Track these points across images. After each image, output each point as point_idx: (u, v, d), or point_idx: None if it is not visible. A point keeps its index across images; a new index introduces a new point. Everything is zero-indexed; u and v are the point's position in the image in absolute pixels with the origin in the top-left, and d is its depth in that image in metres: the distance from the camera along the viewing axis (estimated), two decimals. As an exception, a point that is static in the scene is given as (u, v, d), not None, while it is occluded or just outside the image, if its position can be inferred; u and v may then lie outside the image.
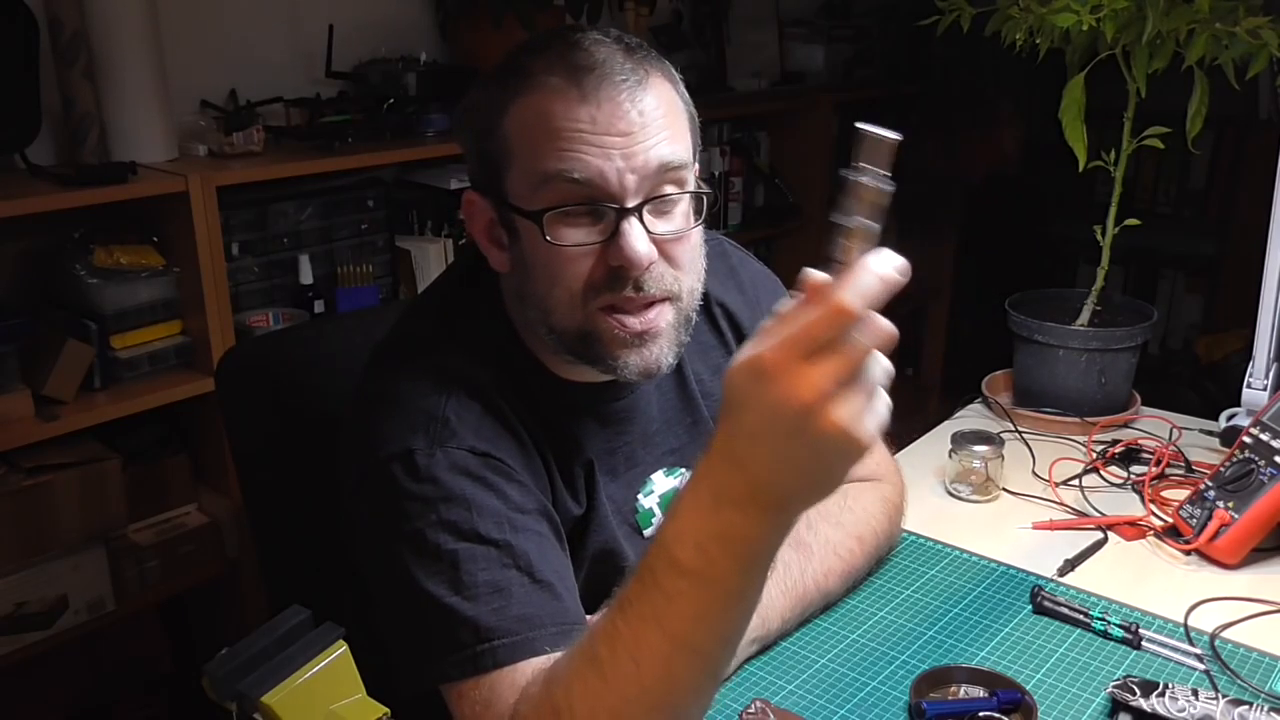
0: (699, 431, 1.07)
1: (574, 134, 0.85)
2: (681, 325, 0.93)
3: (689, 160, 0.91)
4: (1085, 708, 0.98)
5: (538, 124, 0.86)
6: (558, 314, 0.90)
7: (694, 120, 0.94)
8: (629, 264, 0.86)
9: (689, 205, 0.92)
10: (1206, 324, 3.38)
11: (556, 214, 0.87)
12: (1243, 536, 1.20)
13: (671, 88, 0.91)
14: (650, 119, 0.87)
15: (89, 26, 1.67)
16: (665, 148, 0.87)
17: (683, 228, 0.91)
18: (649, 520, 1.04)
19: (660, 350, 0.91)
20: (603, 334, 0.90)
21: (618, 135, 0.85)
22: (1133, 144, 1.48)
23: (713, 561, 0.66)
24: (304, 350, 1.21)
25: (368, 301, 1.99)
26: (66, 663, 1.80)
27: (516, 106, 0.88)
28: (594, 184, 0.86)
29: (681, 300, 0.92)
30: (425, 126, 2.05)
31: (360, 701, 0.67)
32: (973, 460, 1.37)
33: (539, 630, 0.83)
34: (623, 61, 0.87)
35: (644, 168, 0.86)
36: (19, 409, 1.59)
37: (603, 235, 0.87)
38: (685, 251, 0.91)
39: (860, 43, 3.16)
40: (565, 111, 0.85)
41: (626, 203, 0.86)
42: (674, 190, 0.89)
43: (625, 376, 0.92)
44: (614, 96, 0.85)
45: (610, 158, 0.85)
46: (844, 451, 0.61)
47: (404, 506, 0.87)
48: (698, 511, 0.66)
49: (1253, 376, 1.45)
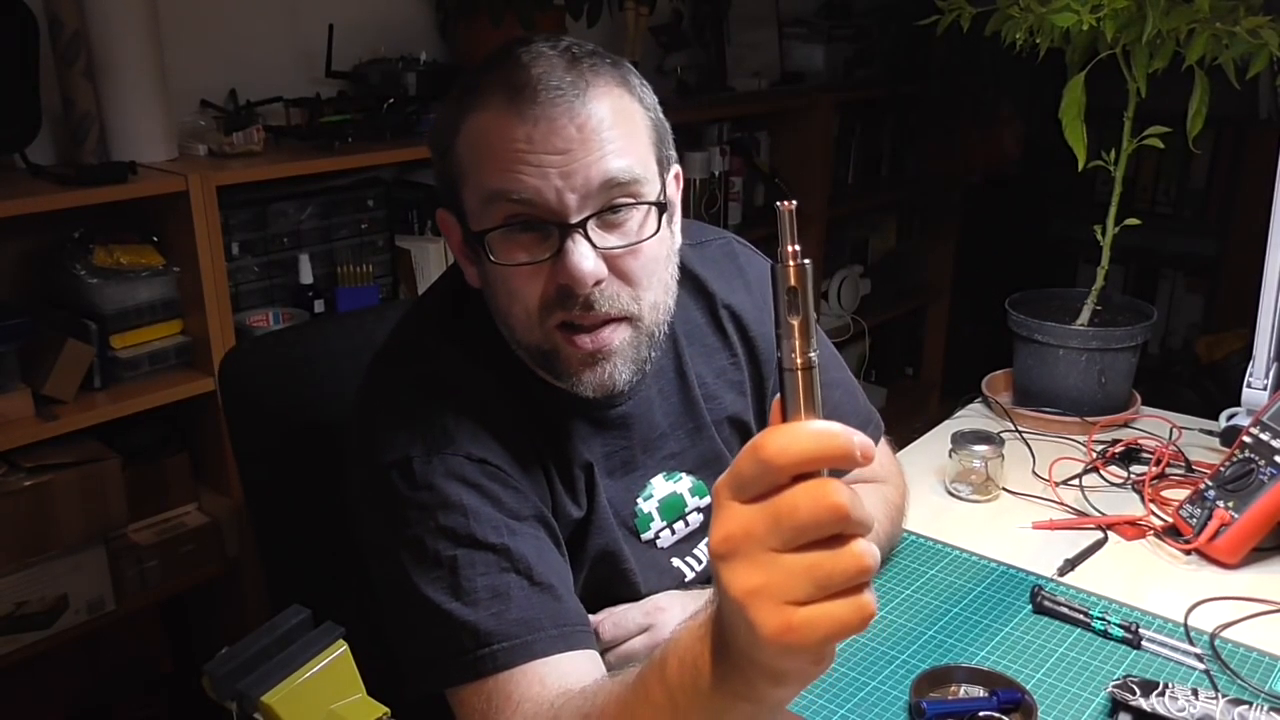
0: (700, 436, 1.07)
1: (512, 153, 0.84)
2: (643, 342, 0.91)
3: (642, 172, 0.87)
4: (1085, 707, 0.98)
5: (481, 144, 0.86)
6: (519, 330, 0.90)
7: (658, 127, 0.92)
8: (573, 282, 0.85)
9: (645, 216, 0.89)
10: (1206, 324, 3.38)
11: (500, 234, 0.87)
12: (1243, 536, 1.20)
13: (626, 95, 0.88)
14: (591, 133, 0.84)
15: (89, 26, 1.67)
16: (612, 161, 0.85)
17: (635, 240, 0.88)
18: (647, 524, 1.04)
19: (614, 368, 0.90)
20: (560, 351, 0.89)
21: (554, 153, 0.83)
22: (1133, 144, 1.48)
23: (684, 688, 0.62)
24: (304, 350, 1.21)
25: (368, 301, 1.99)
26: (66, 663, 1.80)
27: (465, 126, 0.87)
28: (534, 203, 0.84)
29: (641, 319, 0.90)
30: (425, 126, 2.04)
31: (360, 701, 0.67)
32: (973, 460, 1.37)
33: (539, 633, 0.83)
34: (563, 74, 0.85)
35: (585, 185, 0.84)
36: (19, 409, 1.59)
37: (549, 253, 0.86)
38: (641, 266, 0.89)
39: (860, 43, 3.16)
40: (503, 131, 0.84)
41: (569, 219, 0.85)
42: (627, 202, 0.87)
43: (582, 393, 0.91)
44: (549, 114, 0.83)
45: (547, 176, 0.84)
46: (750, 631, 0.52)
47: (403, 513, 0.87)
48: (698, 626, 0.61)
49: (1253, 376, 1.45)
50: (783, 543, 0.51)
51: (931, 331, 3.66)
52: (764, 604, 0.51)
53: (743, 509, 0.52)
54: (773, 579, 0.51)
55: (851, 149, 3.18)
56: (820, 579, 0.50)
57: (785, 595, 0.51)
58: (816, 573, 0.50)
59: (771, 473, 0.51)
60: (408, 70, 2.04)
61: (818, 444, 0.50)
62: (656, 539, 1.05)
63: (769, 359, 1.11)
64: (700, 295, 1.08)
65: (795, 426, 0.51)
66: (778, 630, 0.51)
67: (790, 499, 0.51)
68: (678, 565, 1.06)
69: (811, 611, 0.51)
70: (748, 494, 0.52)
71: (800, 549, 0.51)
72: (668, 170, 0.94)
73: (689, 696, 0.61)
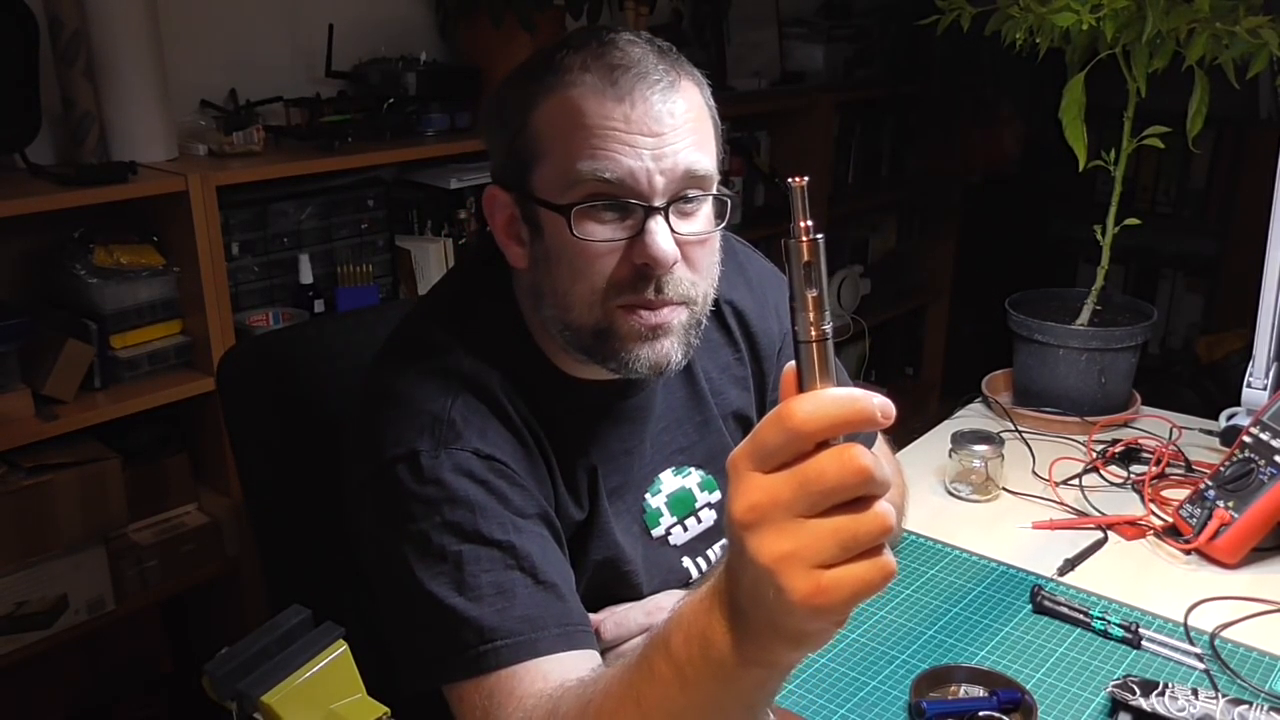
0: (708, 430, 1.07)
1: (607, 131, 0.85)
2: (693, 328, 0.93)
3: (713, 170, 0.91)
4: (1085, 707, 0.98)
5: (570, 120, 0.86)
6: (577, 310, 0.90)
7: (719, 128, 0.95)
8: (654, 262, 0.86)
9: (711, 210, 0.92)
10: (1206, 324, 3.38)
11: (585, 209, 0.87)
12: (1242, 536, 1.20)
13: (700, 95, 0.92)
14: (681, 122, 0.87)
15: (89, 26, 1.67)
16: (693, 153, 0.88)
17: (705, 230, 0.91)
18: (656, 520, 1.04)
19: (671, 346, 0.91)
20: (619, 328, 0.90)
21: (649, 135, 0.85)
22: (1133, 144, 1.48)
23: (692, 661, 0.62)
24: (304, 350, 1.21)
25: (368, 301, 1.99)
26: (66, 663, 1.80)
27: (549, 102, 0.88)
28: (624, 182, 0.86)
29: (696, 305, 0.92)
30: (425, 126, 2.05)
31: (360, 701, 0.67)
32: (973, 460, 1.37)
33: (542, 631, 0.83)
34: (656, 63, 0.87)
35: (672, 170, 0.86)
36: (19, 409, 1.59)
37: (629, 233, 0.87)
38: (705, 256, 0.92)
39: (860, 42, 3.16)
40: (599, 109, 0.85)
41: (654, 202, 0.87)
42: (700, 194, 0.90)
43: (636, 370, 0.91)
44: (647, 96, 0.85)
45: (641, 157, 0.85)
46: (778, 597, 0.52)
47: (408, 508, 0.87)
48: (700, 601, 0.62)
49: (1253, 376, 1.45)
50: (809, 508, 0.52)
51: (931, 331, 3.66)
52: (794, 569, 0.52)
53: (767, 478, 0.53)
54: (801, 544, 0.52)
55: (851, 149, 3.18)
56: (847, 541, 0.52)
57: (814, 559, 0.52)
58: (843, 535, 0.52)
59: (798, 440, 0.52)
60: (408, 70, 2.04)
61: (842, 409, 0.51)
62: (668, 535, 1.05)
63: (769, 355, 1.12)
64: None
65: (819, 394, 0.52)
66: (809, 593, 0.52)
67: (817, 465, 0.52)
68: (687, 565, 1.06)
69: (839, 573, 0.52)
70: (772, 463, 0.53)
71: (824, 513, 0.52)
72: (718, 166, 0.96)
73: (698, 668, 0.62)
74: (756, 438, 0.54)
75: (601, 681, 0.72)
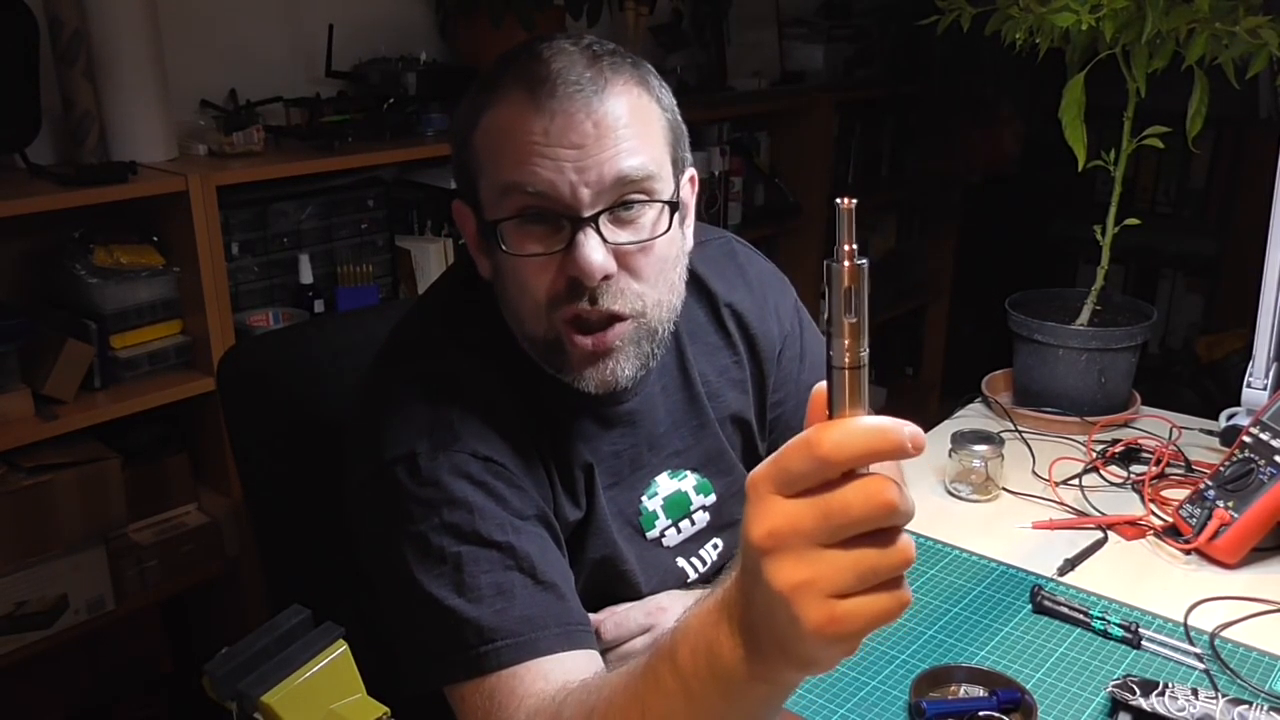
0: (705, 434, 1.07)
1: (528, 146, 0.85)
2: (645, 339, 0.92)
3: (656, 170, 0.89)
4: (1085, 707, 0.98)
5: (498, 137, 0.87)
6: (528, 322, 0.91)
7: (675, 127, 0.93)
8: (582, 274, 0.86)
9: (658, 215, 0.90)
10: (1206, 324, 3.38)
11: (513, 224, 0.87)
12: (1242, 536, 1.20)
13: (644, 94, 0.90)
14: (607, 129, 0.85)
15: (89, 26, 1.67)
16: (626, 159, 0.86)
17: (646, 237, 0.89)
18: (652, 523, 1.04)
19: (616, 365, 0.91)
20: (565, 347, 0.90)
21: (570, 147, 0.84)
22: (1133, 144, 1.48)
23: (699, 674, 0.62)
24: (304, 350, 1.21)
25: (368, 301, 1.99)
26: (66, 663, 1.80)
27: (484, 119, 0.89)
28: (547, 195, 0.85)
29: (645, 316, 0.91)
30: (425, 126, 2.05)
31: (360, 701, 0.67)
32: (973, 460, 1.37)
33: (542, 631, 0.84)
34: (582, 70, 0.86)
35: (599, 180, 0.85)
36: (19, 409, 1.59)
37: (561, 245, 0.87)
38: (650, 263, 0.90)
39: (860, 43, 3.16)
40: (521, 124, 0.85)
41: (582, 213, 0.86)
42: (639, 199, 0.88)
43: (586, 389, 0.92)
44: (566, 108, 0.84)
45: (562, 170, 0.85)
46: (792, 624, 0.52)
47: (407, 509, 0.87)
48: (707, 613, 0.61)
49: (1253, 376, 1.45)
50: (829, 537, 0.51)
51: (931, 331, 3.66)
52: (809, 598, 0.51)
53: (789, 504, 0.52)
54: (819, 573, 0.51)
55: (851, 149, 3.18)
56: (866, 574, 0.51)
57: (831, 589, 0.51)
58: (862, 568, 0.51)
59: (825, 468, 0.51)
60: (408, 70, 2.04)
61: (872, 440, 0.50)
62: (662, 537, 1.05)
63: (770, 357, 1.12)
64: (702, 294, 1.08)
65: (849, 423, 0.51)
66: (822, 623, 0.51)
67: (842, 497, 0.51)
68: (682, 565, 1.06)
69: (854, 604, 0.51)
70: (795, 488, 0.52)
71: (845, 542, 0.51)
72: (683, 172, 0.95)
73: (704, 683, 0.62)
74: (781, 462, 0.52)
75: (605, 689, 0.72)
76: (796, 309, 1.16)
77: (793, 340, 1.14)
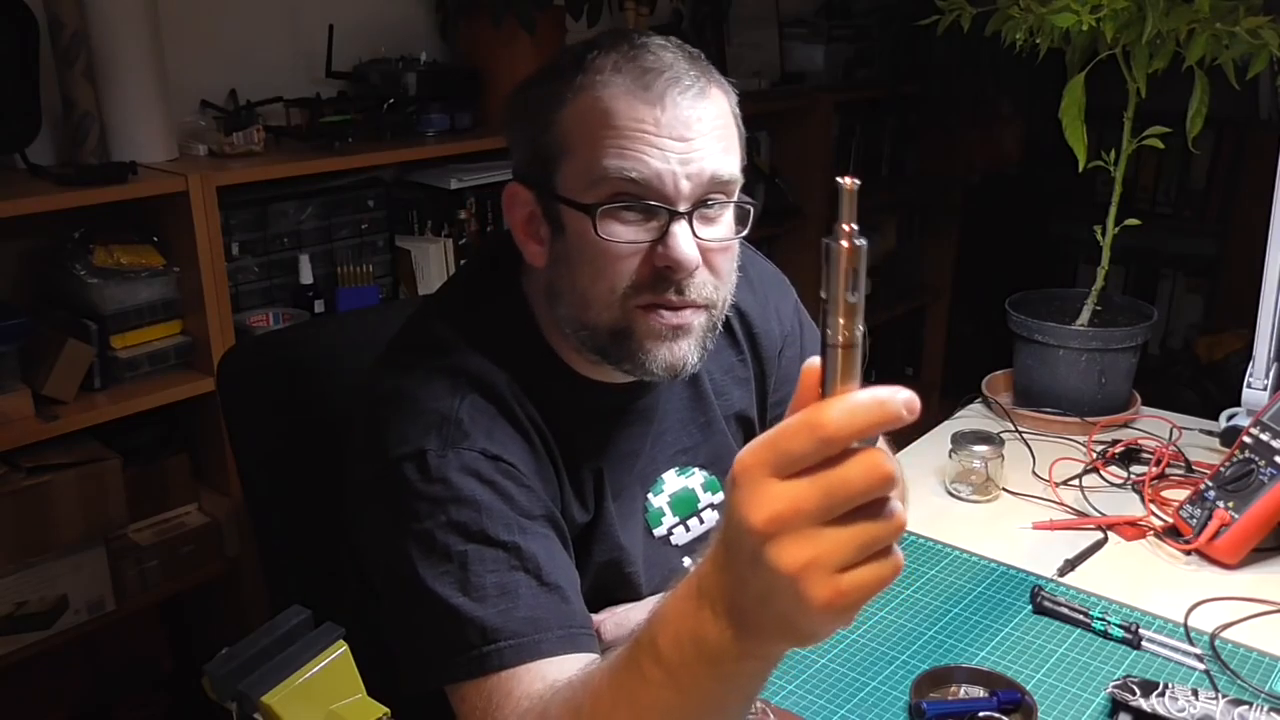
0: (712, 431, 1.07)
1: (636, 133, 0.86)
2: (710, 331, 0.94)
3: (738, 174, 0.91)
4: (1085, 708, 0.98)
5: (600, 119, 0.87)
6: (595, 309, 0.90)
7: (744, 136, 0.95)
8: (676, 266, 0.87)
9: (733, 216, 0.93)
10: (1206, 324, 3.38)
11: (611, 209, 0.87)
12: (1243, 536, 1.20)
13: (727, 102, 0.92)
14: (709, 128, 0.88)
15: (89, 26, 1.67)
16: (719, 159, 0.88)
17: (727, 236, 0.92)
18: (658, 520, 1.04)
19: (688, 348, 0.92)
20: (637, 328, 0.90)
21: (678, 139, 0.86)
22: (1133, 144, 1.48)
23: (685, 662, 0.61)
24: (304, 350, 1.21)
25: (368, 301, 1.99)
26: (66, 663, 1.80)
27: (578, 101, 0.88)
28: (650, 185, 0.86)
29: (715, 308, 0.93)
30: (425, 126, 2.05)
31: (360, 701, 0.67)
32: (973, 460, 1.37)
33: (545, 633, 0.83)
34: (688, 68, 0.88)
35: (699, 175, 0.87)
36: (19, 409, 1.58)
37: (653, 235, 0.88)
38: (726, 261, 0.92)
39: (860, 43, 3.16)
40: (629, 110, 0.86)
41: (679, 206, 0.87)
42: (724, 199, 0.90)
43: (651, 371, 0.92)
44: (678, 101, 0.86)
45: (669, 160, 0.86)
46: (798, 603, 0.52)
47: (414, 506, 0.87)
48: (685, 600, 0.61)
49: (1253, 376, 1.45)
50: (832, 515, 0.51)
51: (931, 331, 3.65)
52: (817, 575, 0.51)
53: (789, 486, 0.51)
54: (823, 551, 0.51)
55: (851, 149, 3.17)
56: (867, 545, 0.52)
57: (836, 565, 0.51)
58: (864, 540, 0.51)
59: (829, 447, 0.51)
60: (408, 70, 2.04)
61: (872, 414, 0.50)
62: (670, 535, 1.05)
63: (770, 357, 1.12)
64: None
65: (849, 400, 0.51)
66: (829, 600, 0.51)
67: (843, 474, 0.51)
68: (688, 564, 1.06)
69: (856, 576, 0.52)
70: (796, 469, 0.52)
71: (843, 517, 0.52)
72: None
73: (693, 669, 0.62)
74: (779, 445, 0.52)
75: (590, 685, 0.72)
76: (797, 309, 1.17)
77: (793, 340, 1.14)
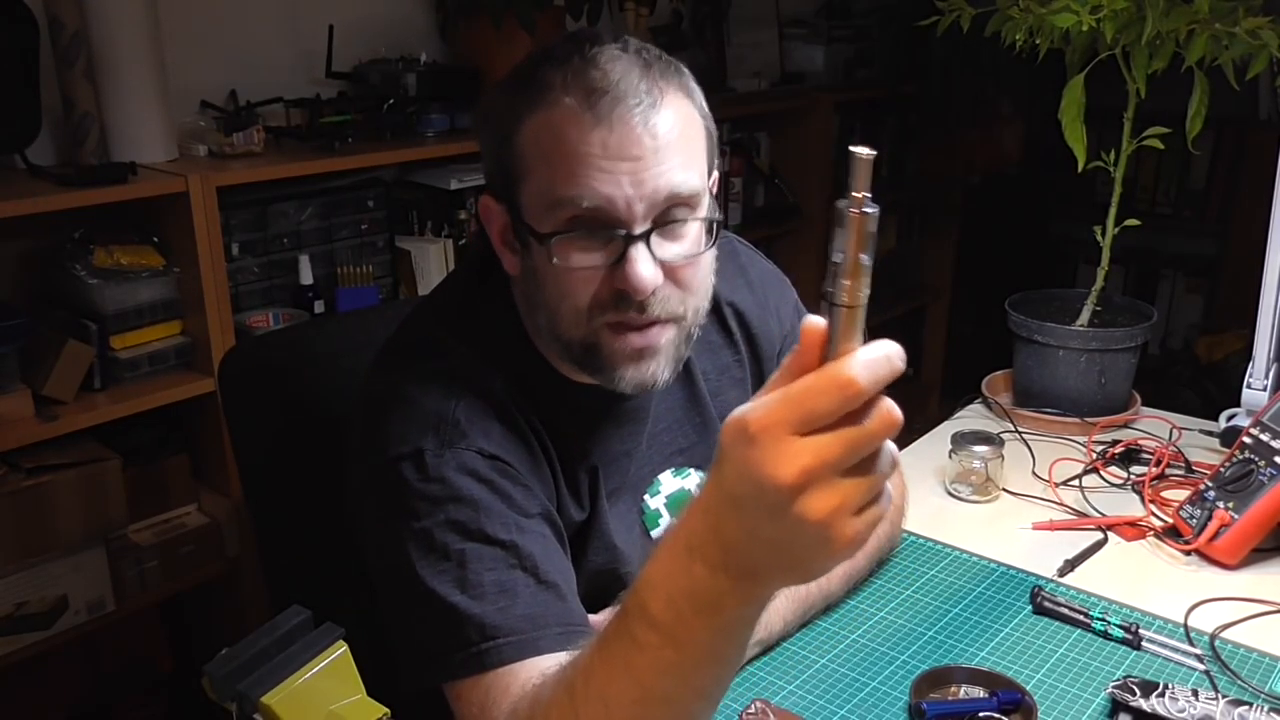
0: (707, 431, 1.07)
1: (584, 158, 0.84)
2: (682, 342, 0.93)
3: (701, 185, 0.89)
4: (1085, 708, 0.98)
5: (550, 145, 0.86)
6: (564, 326, 0.91)
7: (711, 135, 0.93)
8: (633, 290, 0.86)
9: (701, 227, 0.91)
10: (1206, 324, 3.38)
11: (564, 238, 0.87)
12: (1243, 537, 1.20)
13: (689, 103, 0.90)
14: (663, 143, 0.85)
15: (89, 26, 1.67)
16: (677, 175, 0.86)
17: (692, 252, 0.90)
18: (656, 521, 1.04)
19: (657, 366, 0.91)
20: (604, 347, 0.90)
21: (628, 160, 0.84)
22: (1133, 144, 1.48)
23: (682, 619, 0.63)
24: (304, 350, 1.21)
25: (368, 301, 1.99)
26: (66, 663, 1.80)
27: (531, 121, 0.87)
28: (602, 209, 0.85)
29: (685, 320, 0.92)
30: (425, 126, 2.05)
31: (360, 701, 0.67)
32: (973, 460, 1.37)
33: (543, 630, 0.84)
34: (638, 81, 0.85)
35: (653, 195, 0.85)
36: (19, 409, 1.59)
37: (610, 259, 0.87)
38: (694, 273, 0.91)
39: (860, 43, 3.16)
40: (577, 134, 0.84)
41: (634, 229, 0.86)
42: (684, 214, 0.89)
43: (621, 388, 0.92)
44: (627, 120, 0.84)
45: (619, 184, 0.84)
46: (824, 546, 0.56)
47: (412, 505, 0.87)
48: (673, 561, 0.63)
49: (1253, 376, 1.45)
50: (852, 463, 0.55)
51: (931, 331, 3.66)
52: (843, 520, 0.55)
53: (814, 441, 0.54)
54: (847, 496, 0.55)
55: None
56: (877, 486, 0.57)
57: (855, 508, 0.56)
58: (875, 482, 0.56)
59: (854, 402, 0.54)
60: (408, 70, 2.04)
61: (885, 368, 0.55)
62: None
63: (770, 356, 1.12)
64: None
65: (867, 357, 0.54)
66: (851, 540, 0.56)
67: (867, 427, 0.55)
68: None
69: (869, 514, 0.57)
70: (819, 425, 0.54)
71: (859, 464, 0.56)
72: (711, 174, 0.95)
73: (690, 625, 0.63)
74: (805, 404, 0.54)
75: (580, 663, 0.72)
76: (797, 309, 1.17)
77: (792, 340, 1.14)
